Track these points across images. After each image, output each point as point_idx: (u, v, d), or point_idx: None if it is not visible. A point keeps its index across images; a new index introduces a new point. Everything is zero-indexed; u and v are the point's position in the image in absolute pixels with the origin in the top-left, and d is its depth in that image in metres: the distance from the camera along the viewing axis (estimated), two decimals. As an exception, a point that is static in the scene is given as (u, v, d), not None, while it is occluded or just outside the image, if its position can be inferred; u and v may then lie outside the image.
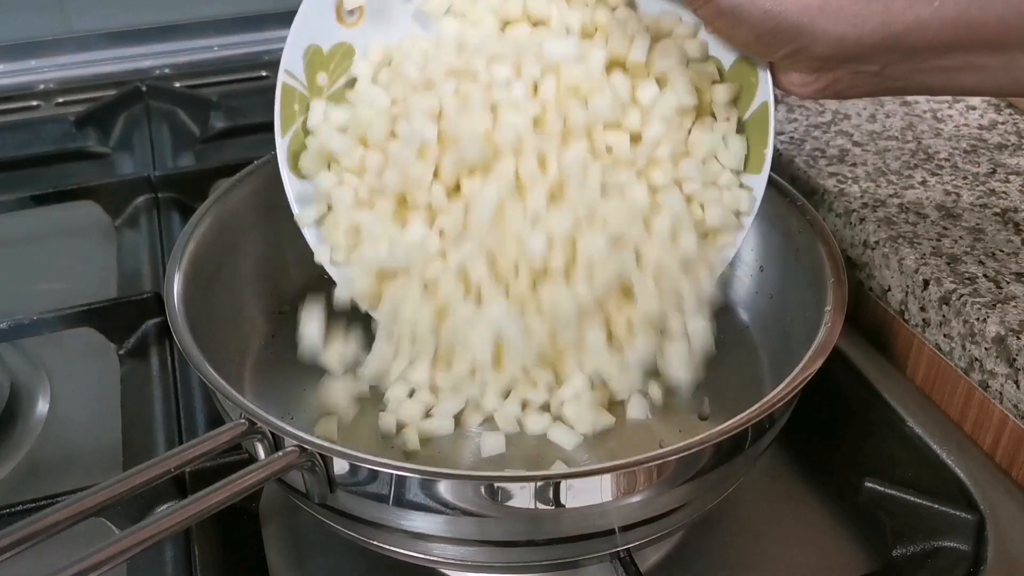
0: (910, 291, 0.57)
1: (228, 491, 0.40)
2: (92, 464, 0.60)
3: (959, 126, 0.71)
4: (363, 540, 0.48)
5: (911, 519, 0.51)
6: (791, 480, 0.59)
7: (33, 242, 0.81)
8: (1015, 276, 0.55)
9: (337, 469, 0.43)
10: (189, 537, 0.52)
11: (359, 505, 0.44)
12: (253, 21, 1.01)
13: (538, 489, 0.41)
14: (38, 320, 0.65)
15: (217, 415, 0.51)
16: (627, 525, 0.45)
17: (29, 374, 0.66)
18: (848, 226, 0.62)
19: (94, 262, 0.77)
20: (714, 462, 0.44)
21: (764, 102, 0.52)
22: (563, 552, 0.46)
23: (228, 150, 0.91)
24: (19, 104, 0.96)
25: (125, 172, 0.88)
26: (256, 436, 0.44)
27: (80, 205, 0.79)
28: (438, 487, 0.42)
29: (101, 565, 0.36)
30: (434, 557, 0.46)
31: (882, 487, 0.52)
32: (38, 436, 0.62)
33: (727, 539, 0.55)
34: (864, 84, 0.48)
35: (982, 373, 0.53)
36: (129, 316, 0.66)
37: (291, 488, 0.46)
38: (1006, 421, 0.53)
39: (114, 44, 0.99)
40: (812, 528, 0.56)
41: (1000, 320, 0.52)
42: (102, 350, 0.66)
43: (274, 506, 0.55)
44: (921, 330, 0.57)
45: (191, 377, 0.62)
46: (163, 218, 0.78)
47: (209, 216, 0.57)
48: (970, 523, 0.50)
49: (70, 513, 0.38)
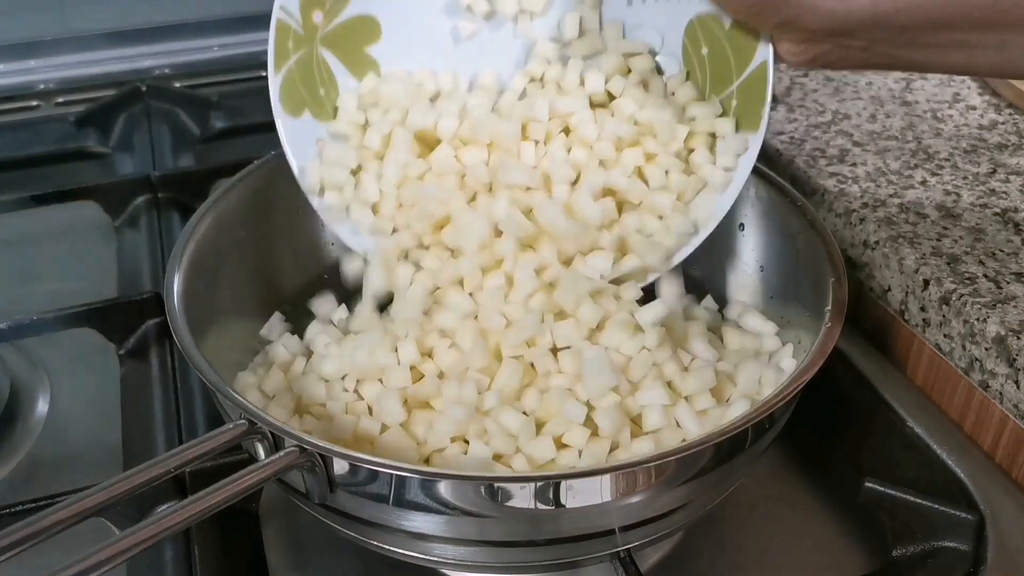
0: (910, 291, 0.57)
1: (228, 491, 0.40)
2: (92, 464, 0.60)
3: (959, 126, 0.71)
4: (363, 540, 0.47)
5: (911, 519, 0.51)
6: (791, 480, 0.59)
7: (33, 242, 0.81)
8: (1015, 276, 0.55)
9: (337, 469, 0.42)
10: (189, 537, 0.52)
11: (359, 505, 0.44)
12: (253, 21, 1.00)
13: (538, 489, 0.41)
14: (38, 320, 0.65)
15: (217, 415, 0.51)
16: (627, 525, 0.45)
17: (29, 374, 0.66)
18: (848, 226, 0.62)
19: (94, 262, 0.77)
20: (714, 462, 0.44)
21: (763, 61, 0.53)
22: (563, 552, 0.46)
23: (228, 150, 0.91)
24: (19, 104, 0.96)
25: (125, 172, 0.88)
26: (256, 436, 0.44)
27: (80, 205, 0.79)
28: (438, 487, 0.42)
29: (101, 565, 0.36)
30: (434, 557, 0.46)
31: (882, 487, 0.52)
32: (38, 436, 0.62)
33: (727, 539, 0.55)
34: (853, 57, 0.49)
35: (982, 373, 0.53)
36: (129, 316, 0.66)
37: (291, 488, 0.46)
38: (1006, 421, 0.52)
39: (114, 44, 0.99)
40: (812, 528, 0.56)
41: (1000, 320, 0.52)
42: (102, 350, 0.66)
43: (274, 507, 0.55)
44: (921, 330, 0.57)
45: (191, 377, 0.62)
46: (163, 218, 0.78)
47: (209, 216, 0.57)
48: (970, 523, 0.50)
49: (70, 513, 0.38)
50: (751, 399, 0.52)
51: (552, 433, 0.50)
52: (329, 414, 0.52)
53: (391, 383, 0.52)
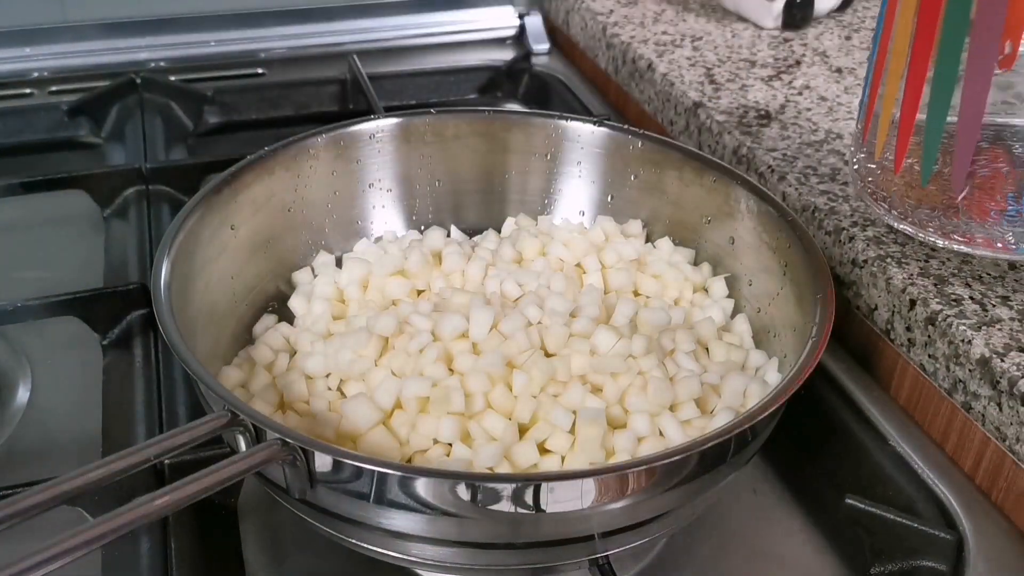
0: (896, 310, 0.57)
1: (207, 481, 0.40)
2: (71, 454, 0.59)
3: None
4: (341, 538, 0.47)
5: (890, 537, 0.51)
6: (773, 495, 0.59)
7: (21, 230, 0.80)
8: (1001, 299, 0.55)
9: (318, 464, 0.42)
10: (166, 530, 0.51)
11: (339, 501, 0.44)
12: (251, 18, 1.01)
13: (518, 490, 0.41)
14: (22, 307, 0.64)
15: (199, 410, 0.51)
16: (607, 531, 0.45)
17: (10, 361, 0.66)
18: (837, 244, 0.62)
19: (81, 252, 0.77)
20: (696, 471, 0.44)
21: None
22: (542, 556, 0.46)
23: (221, 145, 0.91)
24: (12, 92, 0.95)
25: (116, 163, 0.87)
26: (238, 428, 0.43)
27: (70, 194, 0.79)
28: (418, 485, 0.41)
29: (75, 550, 0.36)
30: (412, 557, 0.46)
31: (862, 504, 0.52)
32: (17, 424, 0.61)
33: (706, 552, 0.55)
34: None
35: (965, 394, 0.53)
36: (114, 307, 0.66)
37: (270, 482, 0.45)
38: (987, 443, 0.53)
39: (110, 35, 0.99)
40: (792, 543, 0.56)
41: (985, 342, 0.52)
42: (85, 340, 0.65)
43: (252, 502, 0.55)
44: (906, 350, 0.57)
45: (174, 370, 0.62)
46: (152, 210, 0.77)
47: (199, 209, 0.57)
48: (949, 543, 0.50)
49: (46, 497, 0.38)
50: (735, 411, 0.52)
51: (535, 438, 0.50)
52: (312, 412, 0.52)
53: (373, 384, 0.52)
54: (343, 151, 0.66)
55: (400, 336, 0.54)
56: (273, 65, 1.01)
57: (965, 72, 0.52)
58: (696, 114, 0.78)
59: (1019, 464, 0.51)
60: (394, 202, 0.68)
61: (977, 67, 0.52)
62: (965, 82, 0.53)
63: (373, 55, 1.02)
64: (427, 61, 1.04)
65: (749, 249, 0.61)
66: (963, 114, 0.53)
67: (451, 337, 0.54)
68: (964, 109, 0.53)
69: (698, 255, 0.65)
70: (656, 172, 0.66)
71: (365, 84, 0.91)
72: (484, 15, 1.09)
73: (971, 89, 0.52)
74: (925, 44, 0.54)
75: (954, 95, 0.53)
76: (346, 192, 0.67)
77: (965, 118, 0.53)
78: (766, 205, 0.59)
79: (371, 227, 0.68)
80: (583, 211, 0.69)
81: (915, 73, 0.55)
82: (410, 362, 0.53)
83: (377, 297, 0.61)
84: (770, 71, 0.84)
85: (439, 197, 0.69)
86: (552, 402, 0.51)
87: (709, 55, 0.87)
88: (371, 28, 1.06)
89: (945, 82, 0.53)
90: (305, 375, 0.55)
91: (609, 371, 0.52)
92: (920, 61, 0.54)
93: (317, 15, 1.03)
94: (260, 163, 0.61)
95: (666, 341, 0.56)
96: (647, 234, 0.67)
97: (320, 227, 0.65)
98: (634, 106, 0.91)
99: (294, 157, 0.63)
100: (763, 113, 0.77)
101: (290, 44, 1.02)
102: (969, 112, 0.53)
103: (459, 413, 0.50)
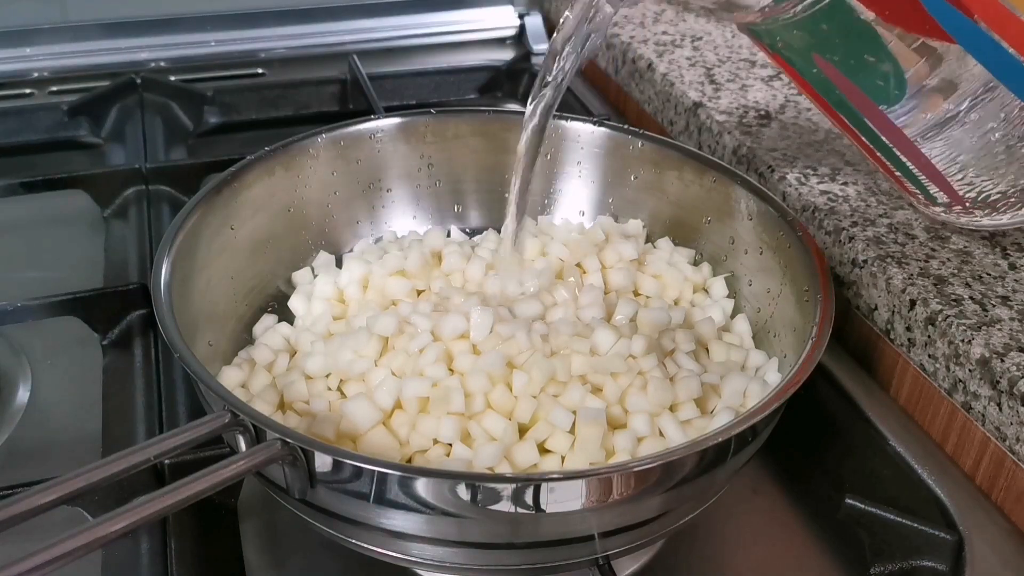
0: (896, 310, 0.57)
1: (207, 481, 0.40)
2: (71, 454, 0.59)
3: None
4: (341, 538, 0.47)
5: (890, 537, 0.51)
6: (772, 495, 0.59)
7: (21, 230, 0.80)
8: (1001, 299, 0.55)
9: (319, 464, 0.42)
10: (166, 530, 0.51)
11: (339, 501, 0.44)
12: (250, 18, 1.01)
13: (518, 490, 0.41)
14: (22, 307, 0.64)
15: (199, 410, 0.51)
16: (607, 531, 0.45)
17: (11, 361, 0.65)
18: (837, 244, 0.62)
19: (82, 252, 0.76)
20: (696, 471, 0.44)
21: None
22: (542, 556, 0.46)
23: (221, 146, 0.91)
24: (12, 92, 0.95)
25: (116, 163, 0.87)
26: (238, 428, 0.43)
27: (70, 194, 0.79)
28: (417, 485, 0.41)
29: (76, 552, 0.36)
30: (411, 557, 0.46)
31: (862, 504, 0.52)
32: (17, 424, 0.61)
33: (706, 552, 0.55)
34: None
35: (965, 395, 0.53)
36: (114, 307, 0.66)
37: (270, 483, 0.45)
38: (987, 443, 0.53)
39: (110, 35, 0.99)
40: (792, 543, 0.56)
41: (985, 342, 0.52)
42: (85, 340, 0.65)
43: (253, 503, 0.55)
44: (906, 350, 0.57)
45: (174, 370, 0.62)
46: (152, 210, 0.77)
47: (199, 209, 0.57)
48: (948, 543, 0.50)
49: (47, 498, 0.38)
50: (735, 411, 0.52)
51: (535, 438, 0.50)
52: (312, 412, 0.52)
53: (373, 384, 0.52)
54: (343, 151, 0.66)
55: (400, 336, 0.54)
56: (273, 65, 1.01)
57: (867, 118, 0.56)
58: (696, 114, 0.78)
59: (1019, 464, 0.51)
60: (394, 202, 0.69)
61: (870, 114, 0.55)
62: (872, 124, 0.56)
63: (373, 55, 1.02)
64: (427, 61, 1.04)
65: (749, 249, 0.61)
66: (895, 145, 0.56)
67: (451, 337, 0.54)
68: (892, 141, 0.56)
69: (698, 255, 0.65)
70: (656, 172, 0.66)
71: (365, 84, 0.91)
72: (484, 15, 1.09)
73: (882, 127, 0.55)
74: (830, 112, 0.58)
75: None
76: (346, 192, 0.67)
77: (900, 148, 0.56)
78: (766, 205, 0.59)
79: (371, 227, 0.68)
80: (583, 211, 0.69)
81: (845, 130, 0.59)
82: (410, 362, 0.53)
83: (377, 297, 0.61)
84: (770, 71, 0.84)
85: (439, 197, 0.70)
86: (552, 402, 0.51)
87: (709, 55, 0.87)
88: (371, 28, 1.06)
89: (867, 130, 0.56)
90: (305, 375, 0.55)
91: (609, 371, 0.52)
92: (841, 124, 0.58)
93: (317, 15, 1.04)
94: (260, 163, 0.61)
95: (666, 341, 0.56)
96: (647, 234, 0.67)
97: (320, 227, 0.66)
98: (634, 106, 0.91)
99: (294, 157, 0.63)
100: (763, 113, 0.77)
101: (290, 44, 1.02)
102: (896, 141, 0.56)
103: (459, 413, 0.50)
